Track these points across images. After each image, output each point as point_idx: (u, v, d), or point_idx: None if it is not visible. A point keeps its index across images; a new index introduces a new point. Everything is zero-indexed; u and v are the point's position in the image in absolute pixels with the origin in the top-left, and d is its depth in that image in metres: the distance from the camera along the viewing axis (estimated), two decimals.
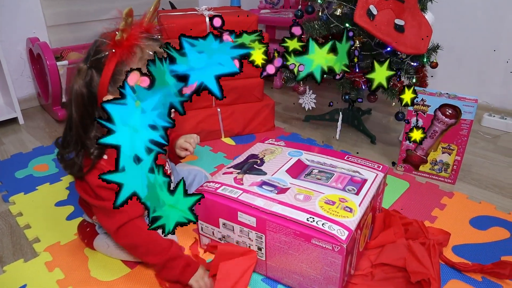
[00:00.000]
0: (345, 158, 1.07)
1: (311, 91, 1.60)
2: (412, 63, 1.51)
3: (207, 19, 1.50)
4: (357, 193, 0.90)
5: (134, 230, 0.85)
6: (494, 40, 1.95)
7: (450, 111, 1.29)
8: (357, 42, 1.41)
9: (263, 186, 0.92)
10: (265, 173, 0.98)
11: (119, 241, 0.87)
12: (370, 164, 1.04)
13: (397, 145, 1.64)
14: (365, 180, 0.96)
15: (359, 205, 0.86)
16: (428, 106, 1.30)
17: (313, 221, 0.80)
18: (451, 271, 0.97)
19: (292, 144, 1.15)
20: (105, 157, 0.83)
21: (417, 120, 1.33)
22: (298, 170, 1.00)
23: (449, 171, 1.36)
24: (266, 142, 1.18)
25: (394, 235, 1.01)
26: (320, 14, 1.50)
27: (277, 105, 2.05)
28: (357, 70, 1.46)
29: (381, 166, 1.04)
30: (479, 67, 2.03)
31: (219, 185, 0.94)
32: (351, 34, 0.78)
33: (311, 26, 1.47)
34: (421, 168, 1.40)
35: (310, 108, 1.62)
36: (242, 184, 0.94)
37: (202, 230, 0.99)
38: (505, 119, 1.85)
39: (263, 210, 0.84)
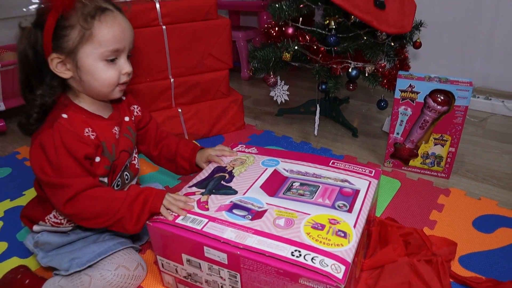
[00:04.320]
0: (330, 163, 0.89)
1: (283, 82, 1.41)
2: (392, 44, 1.35)
3: (158, 5, 1.28)
4: (349, 210, 0.73)
5: (84, 201, 0.72)
6: (475, 14, 1.82)
7: (442, 97, 1.13)
8: (332, 23, 1.23)
9: (234, 211, 0.73)
10: (235, 192, 0.79)
11: (71, 217, 0.75)
12: (360, 169, 0.87)
13: (381, 137, 1.49)
14: (357, 192, 0.79)
15: (354, 227, 0.69)
16: (417, 92, 1.14)
17: (300, 255, 0.62)
18: None
19: (266, 151, 0.96)
20: (64, 115, 0.74)
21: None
22: (275, 184, 0.82)
23: (442, 165, 1.21)
24: (235, 149, 0.99)
25: (394, 251, 0.84)
26: None
27: (246, 99, 1.86)
28: (333, 55, 1.29)
29: (373, 171, 0.87)
30: (459, 44, 1.90)
31: None
32: None
33: (279, 7, 1.27)
34: (411, 162, 1.25)
35: (283, 101, 1.44)
36: (208, 209, 0.75)
37: (163, 267, 0.80)
38: (490, 99, 1.73)
39: (234, 245, 0.66)
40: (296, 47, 1.28)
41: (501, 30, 1.79)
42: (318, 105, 1.35)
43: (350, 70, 1.25)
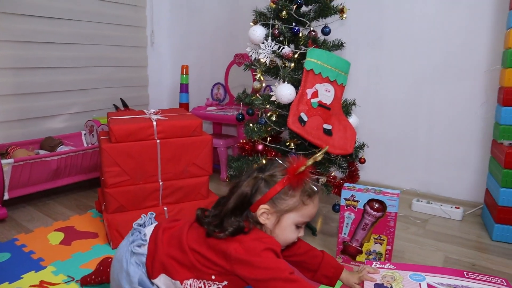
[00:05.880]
0: (465, 275, 1.11)
1: None
2: (342, 160, 1.68)
3: (155, 124, 1.61)
4: None
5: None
6: (414, 132, 2.22)
7: (377, 205, 1.43)
8: (292, 144, 1.56)
9: None
10: None
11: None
12: (494, 280, 1.09)
13: (336, 235, 1.74)
14: None
15: None
16: (358, 201, 1.44)
17: None
18: None
19: (402, 266, 1.17)
20: (262, 237, 0.96)
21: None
22: None
23: (382, 260, 1.47)
24: (373, 266, 1.19)
25: None
26: (259, 117, 1.66)
27: None
28: None
29: (504, 281, 1.08)
30: (403, 157, 2.28)
31: None
32: None
33: (251, 129, 1.61)
34: (358, 258, 1.50)
35: None
36: None
37: None
38: (431, 203, 2.04)
39: None
40: (264, 161, 1.59)
41: (435, 146, 2.18)
42: None
43: None
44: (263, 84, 1.71)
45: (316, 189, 0.96)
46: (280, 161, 0.98)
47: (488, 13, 1.97)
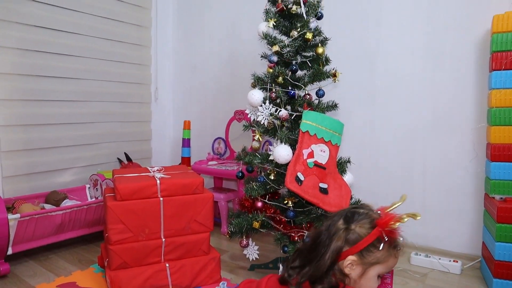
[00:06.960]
0: None
1: (254, 243, 1.74)
2: None
3: (158, 182, 1.68)
4: None
5: None
6: (409, 186, 2.28)
7: None
8: (290, 202, 1.63)
9: None
10: None
11: None
12: None
13: None
14: None
15: None
16: None
17: None
18: None
19: None
20: None
21: None
22: None
23: None
24: None
25: None
26: (258, 175, 1.74)
27: (224, 254, 2.15)
28: (292, 225, 1.66)
29: None
30: (399, 211, 2.31)
31: None
32: None
33: (251, 187, 1.68)
34: None
35: (254, 259, 1.75)
36: None
37: None
38: (429, 257, 2.06)
39: None
40: (263, 218, 1.65)
41: (431, 200, 2.24)
42: (280, 264, 1.67)
43: (304, 237, 1.60)
44: (262, 140, 1.80)
45: (403, 242, 0.99)
46: (366, 211, 0.99)
47: (471, 75, 2.10)
